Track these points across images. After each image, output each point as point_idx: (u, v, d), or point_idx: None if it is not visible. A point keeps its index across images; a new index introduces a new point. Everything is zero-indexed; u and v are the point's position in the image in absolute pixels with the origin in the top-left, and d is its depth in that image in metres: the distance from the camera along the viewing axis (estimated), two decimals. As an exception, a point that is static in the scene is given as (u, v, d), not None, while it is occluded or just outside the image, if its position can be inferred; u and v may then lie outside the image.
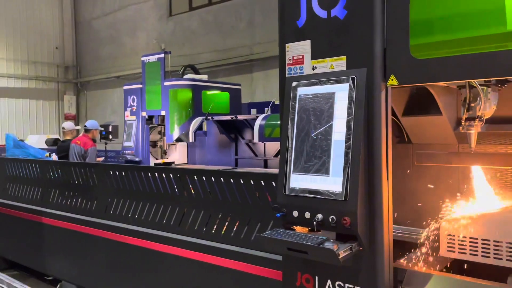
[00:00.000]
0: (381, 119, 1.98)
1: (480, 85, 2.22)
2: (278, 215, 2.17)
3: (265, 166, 5.92)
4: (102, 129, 8.34)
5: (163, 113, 7.14)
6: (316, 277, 2.22)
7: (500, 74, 1.92)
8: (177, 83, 7.19)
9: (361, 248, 2.00)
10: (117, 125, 9.35)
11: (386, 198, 2.02)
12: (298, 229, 2.18)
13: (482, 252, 2.11)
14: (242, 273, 2.83)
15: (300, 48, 2.22)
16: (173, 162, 6.68)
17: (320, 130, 2.09)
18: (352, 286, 2.09)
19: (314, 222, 2.03)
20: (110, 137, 8.76)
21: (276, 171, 2.44)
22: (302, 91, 2.18)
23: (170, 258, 3.30)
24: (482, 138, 2.37)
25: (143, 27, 14.47)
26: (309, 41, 2.19)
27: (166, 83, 7.12)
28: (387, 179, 2.03)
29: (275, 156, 5.79)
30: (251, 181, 2.89)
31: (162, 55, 7.29)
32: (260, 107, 7.26)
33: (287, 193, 2.16)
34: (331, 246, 1.92)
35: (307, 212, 2.09)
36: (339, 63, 2.08)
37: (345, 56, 2.06)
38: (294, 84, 2.22)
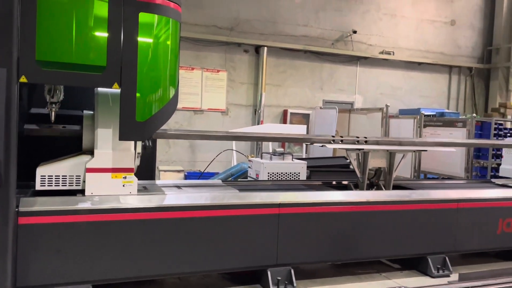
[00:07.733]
0: (15, 101, 3.10)
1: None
2: None
3: None
4: None
5: None
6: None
7: (75, 83, 3.53)
8: None
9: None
10: None
11: (15, 154, 3.17)
12: None
13: (62, 182, 3.65)
14: None
15: None
16: None
17: (-32, 106, 2.93)
18: (-12, 211, 3.09)
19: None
20: None
21: None
22: None
23: None
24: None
25: None
26: (-50, 38, 2.91)
27: None
28: (16, 139, 3.17)
29: None
30: None
31: None
32: None
33: None
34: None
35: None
36: (-17, 62, 2.98)
37: (-10, 58, 3.00)
38: None
